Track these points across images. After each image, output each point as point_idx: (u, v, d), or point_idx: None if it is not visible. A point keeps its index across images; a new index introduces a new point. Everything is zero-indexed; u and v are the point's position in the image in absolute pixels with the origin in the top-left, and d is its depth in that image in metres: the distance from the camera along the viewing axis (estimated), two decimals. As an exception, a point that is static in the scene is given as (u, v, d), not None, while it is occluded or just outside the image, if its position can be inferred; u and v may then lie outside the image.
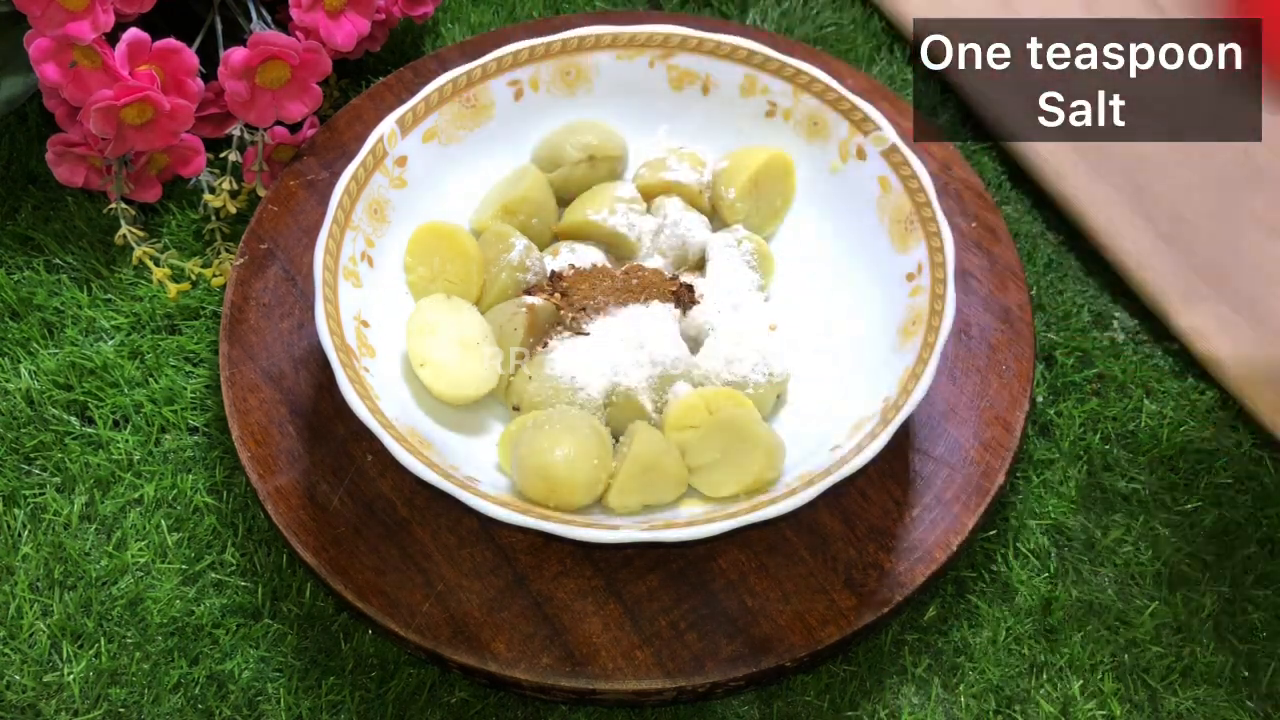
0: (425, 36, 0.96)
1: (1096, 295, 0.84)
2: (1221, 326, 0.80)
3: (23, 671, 0.70)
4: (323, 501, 0.71)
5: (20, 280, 0.83)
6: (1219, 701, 0.69)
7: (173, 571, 0.73)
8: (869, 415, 0.68)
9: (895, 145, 0.75)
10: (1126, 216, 0.85)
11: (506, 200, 0.78)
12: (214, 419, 0.78)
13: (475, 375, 0.72)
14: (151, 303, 0.82)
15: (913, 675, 0.70)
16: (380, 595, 0.68)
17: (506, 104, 0.80)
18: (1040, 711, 0.69)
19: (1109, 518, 0.75)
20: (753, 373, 0.72)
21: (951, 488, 0.72)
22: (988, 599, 0.72)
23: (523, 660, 0.67)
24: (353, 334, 0.70)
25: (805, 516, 0.71)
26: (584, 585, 0.69)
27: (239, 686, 0.69)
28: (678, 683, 0.66)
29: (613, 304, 0.74)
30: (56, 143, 0.82)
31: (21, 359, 0.80)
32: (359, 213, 0.74)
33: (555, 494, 0.67)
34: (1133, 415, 0.79)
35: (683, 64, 0.81)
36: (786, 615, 0.68)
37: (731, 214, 0.79)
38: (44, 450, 0.77)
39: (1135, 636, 0.71)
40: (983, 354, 0.76)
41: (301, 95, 0.81)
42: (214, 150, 0.85)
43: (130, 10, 0.79)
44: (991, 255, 0.80)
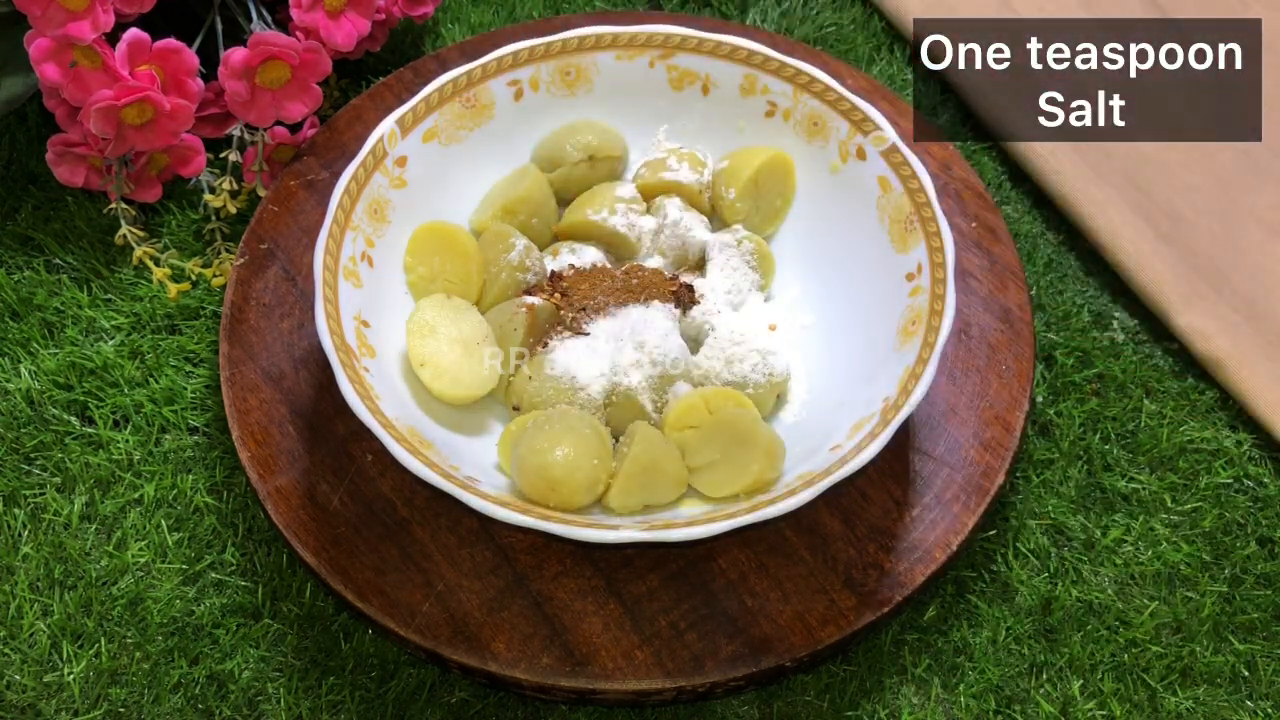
0: (425, 36, 0.96)
1: (1096, 295, 0.84)
2: (1221, 326, 0.80)
3: (23, 671, 0.70)
4: (323, 501, 0.71)
5: (20, 280, 0.83)
6: (1219, 701, 0.69)
7: (173, 571, 0.73)
8: (869, 415, 0.68)
9: (895, 145, 0.75)
10: (1126, 216, 0.85)
11: (506, 200, 0.78)
12: (214, 419, 0.78)
13: (475, 375, 0.72)
14: (151, 303, 0.82)
15: (913, 675, 0.70)
16: (380, 595, 0.68)
17: (506, 104, 0.80)
18: (1040, 711, 0.69)
19: (1109, 518, 0.75)
20: (753, 373, 0.72)
21: (951, 488, 0.72)
22: (988, 599, 0.72)
23: (523, 660, 0.67)
24: (353, 334, 0.70)
25: (805, 516, 0.71)
26: (584, 585, 0.69)
27: (239, 686, 0.69)
28: (678, 683, 0.66)
29: (613, 304, 0.74)
30: (56, 143, 0.82)
31: (22, 359, 0.80)
32: (359, 213, 0.74)
33: (555, 494, 0.67)
34: (1133, 415, 0.79)
35: (683, 64, 0.81)
36: (786, 615, 0.68)
37: (731, 214, 0.79)
38: (44, 450, 0.77)
39: (1135, 636, 0.71)
40: (983, 354, 0.76)
41: (301, 95, 0.81)
42: (214, 150, 0.85)
43: (130, 10, 0.79)
44: (991, 255, 0.80)
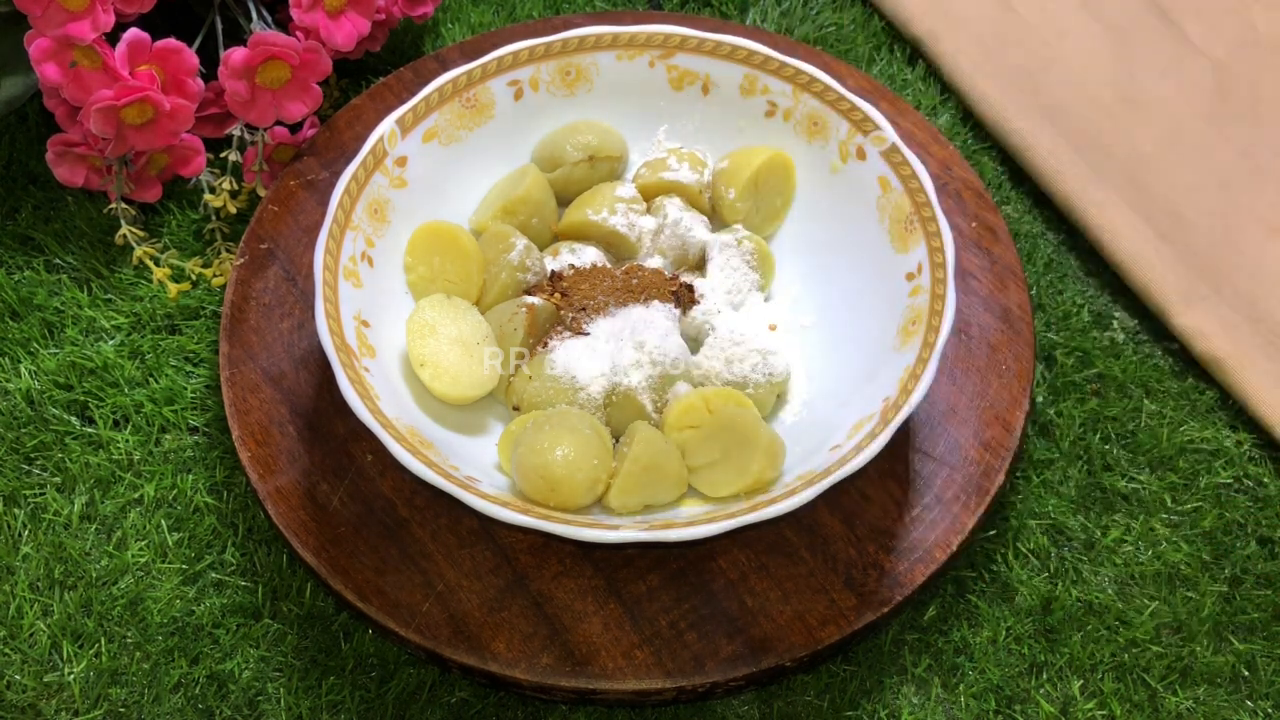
0: (425, 36, 0.96)
1: (1096, 295, 0.84)
2: (1221, 326, 0.80)
3: (23, 671, 0.70)
4: (323, 501, 0.71)
5: (20, 280, 0.83)
6: (1219, 701, 0.69)
7: (173, 571, 0.73)
8: (869, 415, 0.68)
9: (895, 145, 0.75)
10: (1126, 216, 0.85)
11: (506, 200, 0.78)
12: (214, 419, 0.78)
13: (475, 375, 0.72)
14: (151, 303, 0.82)
15: (913, 675, 0.70)
16: (380, 595, 0.68)
17: (506, 104, 0.80)
18: (1040, 711, 0.69)
19: (1109, 518, 0.75)
20: (753, 373, 0.72)
21: (951, 488, 0.72)
22: (988, 599, 0.72)
23: (523, 660, 0.67)
24: (353, 334, 0.70)
25: (805, 516, 0.71)
26: (584, 585, 0.69)
27: (239, 686, 0.69)
28: (678, 682, 0.66)
29: (613, 304, 0.74)
30: (57, 143, 0.82)
31: (22, 359, 0.80)
32: (359, 213, 0.74)
33: (555, 494, 0.67)
34: (1133, 415, 0.79)
35: (683, 64, 0.81)
36: (786, 615, 0.68)
37: (731, 214, 0.79)
38: (44, 450, 0.77)
39: (1135, 636, 0.71)
40: (983, 354, 0.76)
41: (301, 95, 0.81)
42: (214, 150, 0.85)
43: (130, 10, 0.79)
44: (991, 255, 0.80)
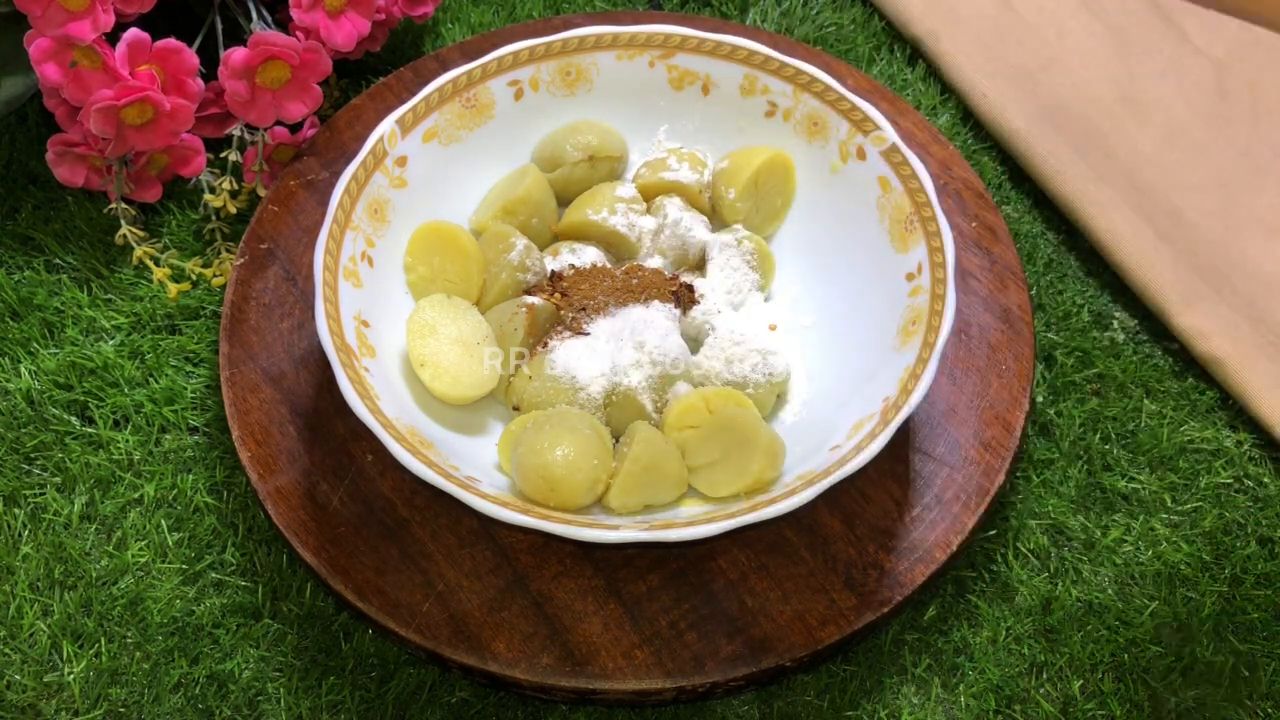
0: (425, 36, 0.96)
1: (1096, 295, 0.84)
2: (1221, 326, 0.80)
3: (23, 671, 0.70)
4: (323, 501, 0.71)
5: (20, 280, 0.83)
6: (1219, 701, 0.69)
7: (173, 571, 0.73)
8: (869, 415, 0.68)
9: (895, 145, 0.75)
10: (1126, 216, 0.85)
11: (507, 200, 0.78)
12: (214, 419, 0.78)
13: (475, 375, 0.72)
14: (151, 303, 0.82)
15: (913, 675, 0.70)
16: (380, 595, 0.68)
17: (506, 104, 0.80)
18: (1040, 711, 0.69)
19: (1109, 518, 0.75)
20: (753, 373, 0.72)
21: (951, 488, 0.72)
22: (988, 599, 0.72)
23: (523, 660, 0.67)
24: (353, 334, 0.70)
25: (805, 516, 0.71)
26: (584, 585, 0.69)
27: (239, 686, 0.69)
28: (678, 683, 0.66)
29: (613, 304, 0.74)
30: (57, 143, 0.82)
31: (22, 359, 0.80)
32: (359, 213, 0.74)
33: (555, 494, 0.67)
34: (1133, 415, 0.79)
35: (683, 64, 0.81)
36: (786, 615, 0.68)
37: (731, 214, 0.79)
38: (44, 450, 0.77)
39: (1135, 636, 0.71)
40: (983, 354, 0.76)
41: (301, 95, 0.81)
42: (214, 150, 0.85)
43: (130, 10, 0.79)
44: (991, 255, 0.80)
